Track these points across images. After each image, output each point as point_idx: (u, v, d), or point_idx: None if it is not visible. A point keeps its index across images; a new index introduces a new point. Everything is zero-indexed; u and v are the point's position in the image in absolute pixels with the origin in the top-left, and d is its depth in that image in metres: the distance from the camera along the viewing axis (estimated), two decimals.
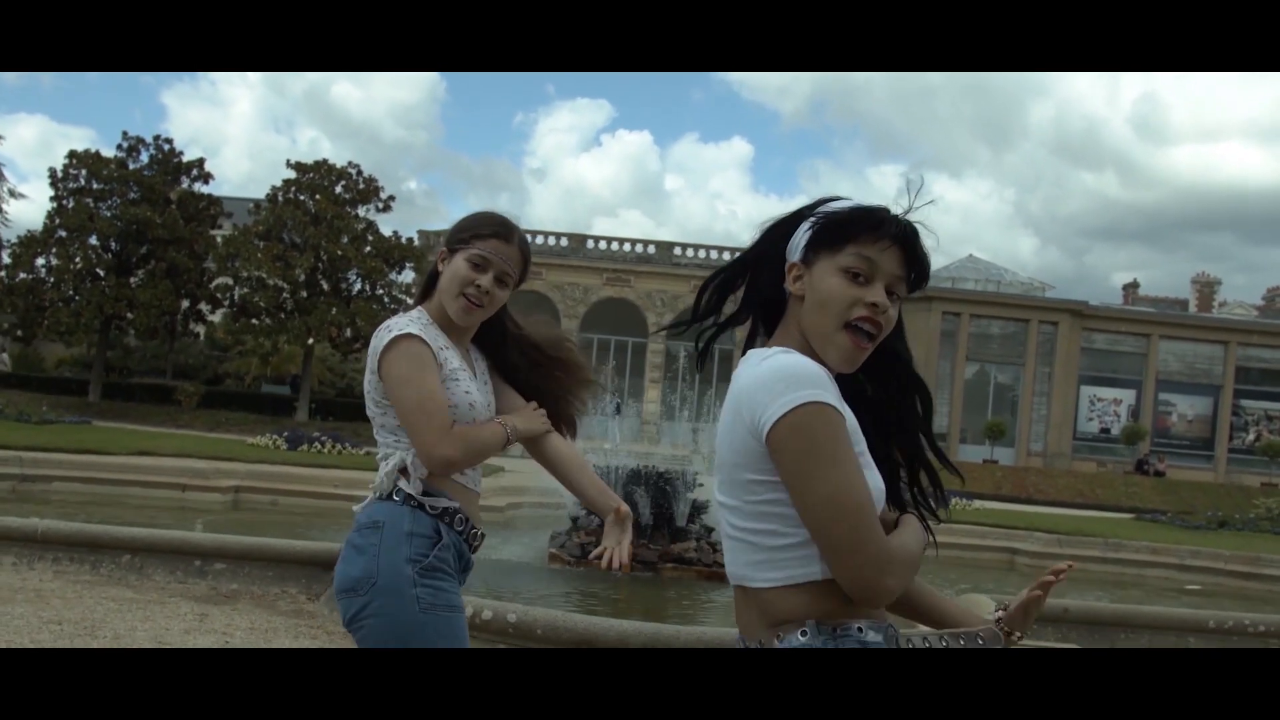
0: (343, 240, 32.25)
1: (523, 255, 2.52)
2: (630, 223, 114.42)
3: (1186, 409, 42.06)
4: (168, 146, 34.53)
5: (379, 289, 33.89)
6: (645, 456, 12.93)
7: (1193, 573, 14.34)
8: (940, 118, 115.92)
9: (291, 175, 33.51)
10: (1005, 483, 33.39)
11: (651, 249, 41.97)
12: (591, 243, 41.67)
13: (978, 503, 23.89)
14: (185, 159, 34.76)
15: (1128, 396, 41.68)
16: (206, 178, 35.36)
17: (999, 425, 38.36)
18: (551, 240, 41.10)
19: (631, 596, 8.76)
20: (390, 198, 34.79)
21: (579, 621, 5.56)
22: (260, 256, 31.33)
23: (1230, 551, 15.55)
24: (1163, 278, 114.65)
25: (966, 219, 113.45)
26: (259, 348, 35.75)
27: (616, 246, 42.00)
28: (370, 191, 34.17)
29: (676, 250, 41.91)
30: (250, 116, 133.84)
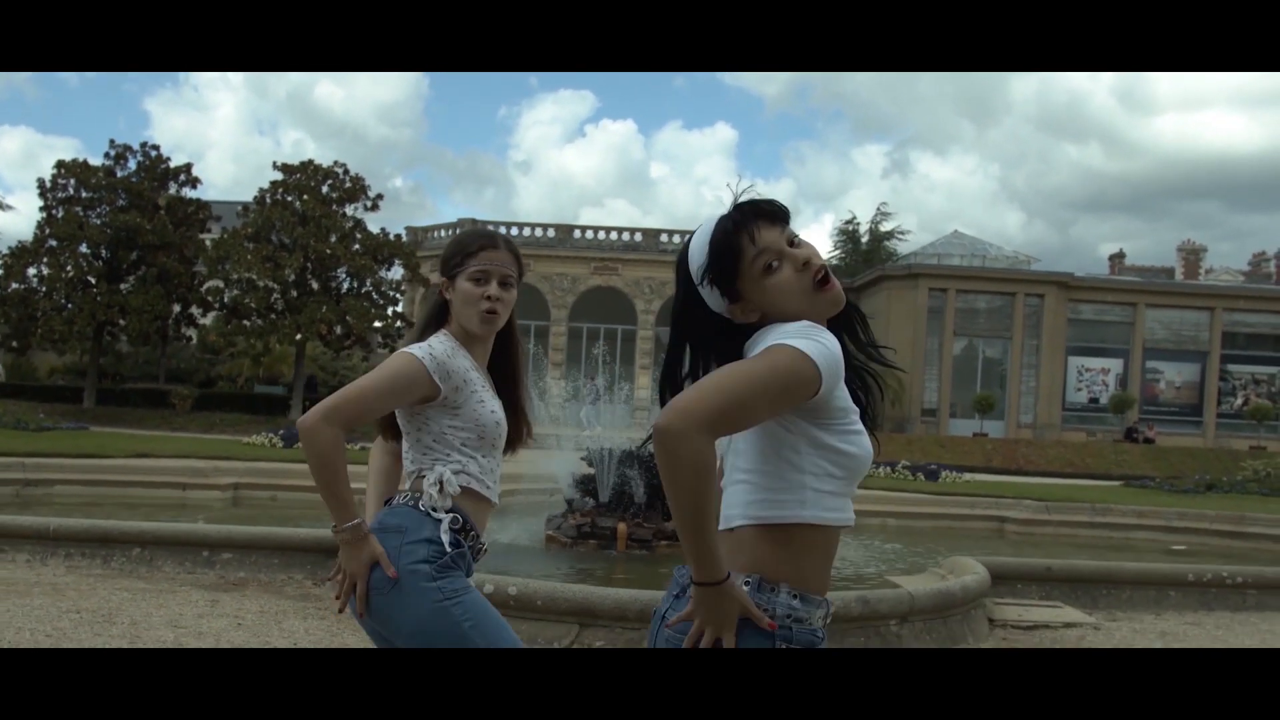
0: (331, 239, 32.36)
1: (513, 255, 2.71)
2: (617, 212, 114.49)
3: (1174, 376, 42.38)
4: (155, 153, 34.57)
5: (367, 286, 34.03)
6: (639, 441, 13.16)
7: (1179, 534, 14.57)
8: (923, 96, 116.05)
9: (279, 177, 33.60)
10: (995, 455, 33.63)
11: (638, 237, 42.17)
12: (578, 233, 41.84)
13: (968, 475, 24.20)
14: (172, 164, 34.81)
15: (1115, 366, 41.98)
16: (194, 182, 35.42)
17: (987, 399, 38.64)
18: (539, 232, 41.25)
19: (627, 571, 8.98)
20: (378, 196, 34.90)
21: (577, 591, 5.78)
22: (250, 258, 31.42)
23: (1215, 512, 15.83)
24: (1150, 247, 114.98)
25: (952, 196, 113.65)
26: (251, 349, 35.87)
27: (603, 236, 42.18)
28: (357, 190, 34.27)
29: (663, 237, 42.09)
30: (234, 120, 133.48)
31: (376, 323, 34.87)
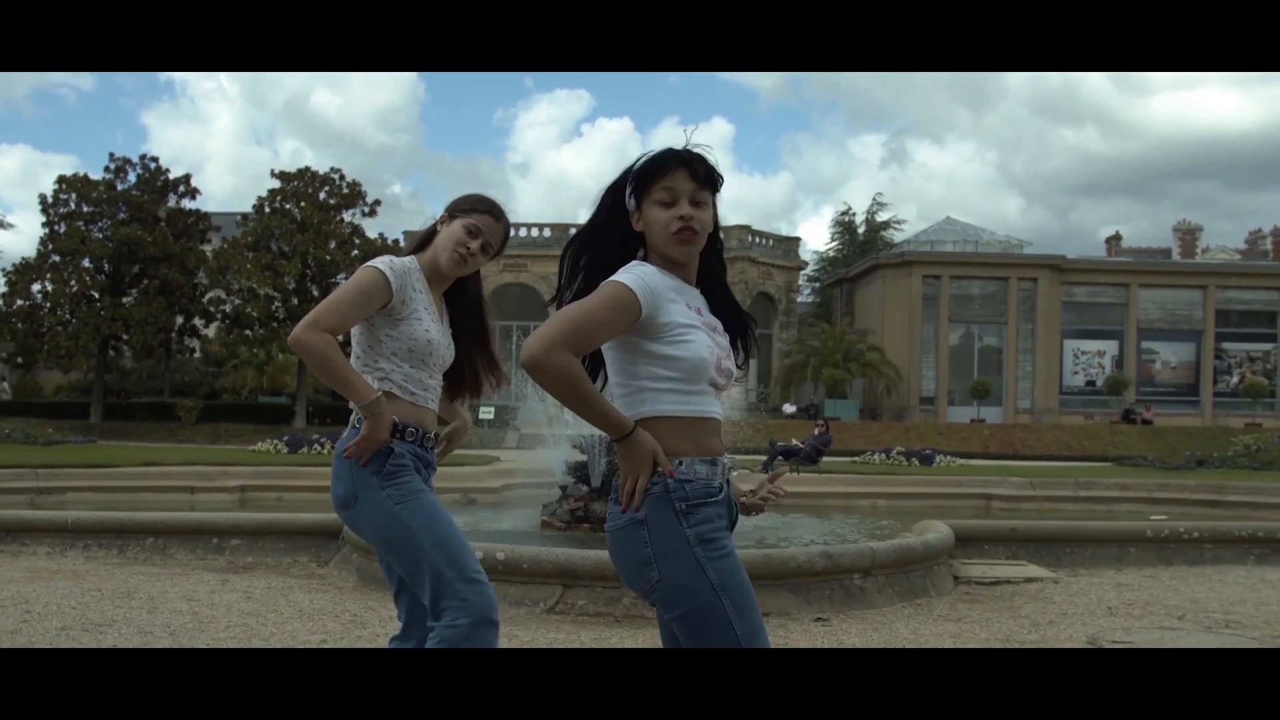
0: (330, 245, 32.79)
1: (505, 232, 3.17)
2: None
3: (1169, 356, 42.67)
4: (154, 165, 35.01)
5: None
6: None
7: (1160, 505, 14.95)
8: (917, 84, 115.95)
9: (276, 185, 34.05)
10: (993, 441, 33.88)
11: None
12: (573, 231, 42.25)
13: (961, 460, 24.55)
14: (171, 176, 35.28)
15: (1110, 347, 42.29)
16: (193, 194, 35.86)
17: (983, 384, 39.00)
18: (535, 232, 41.68)
19: None
20: (376, 202, 35.30)
21: (559, 554, 6.22)
22: (250, 267, 31.84)
23: (1195, 482, 16.24)
24: (1151, 229, 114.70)
25: (951, 184, 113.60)
26: (254, 358, 36.29)
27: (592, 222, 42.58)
28: (355, 196, 34.69)
29: None
30: (231, 131, 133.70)
31: None
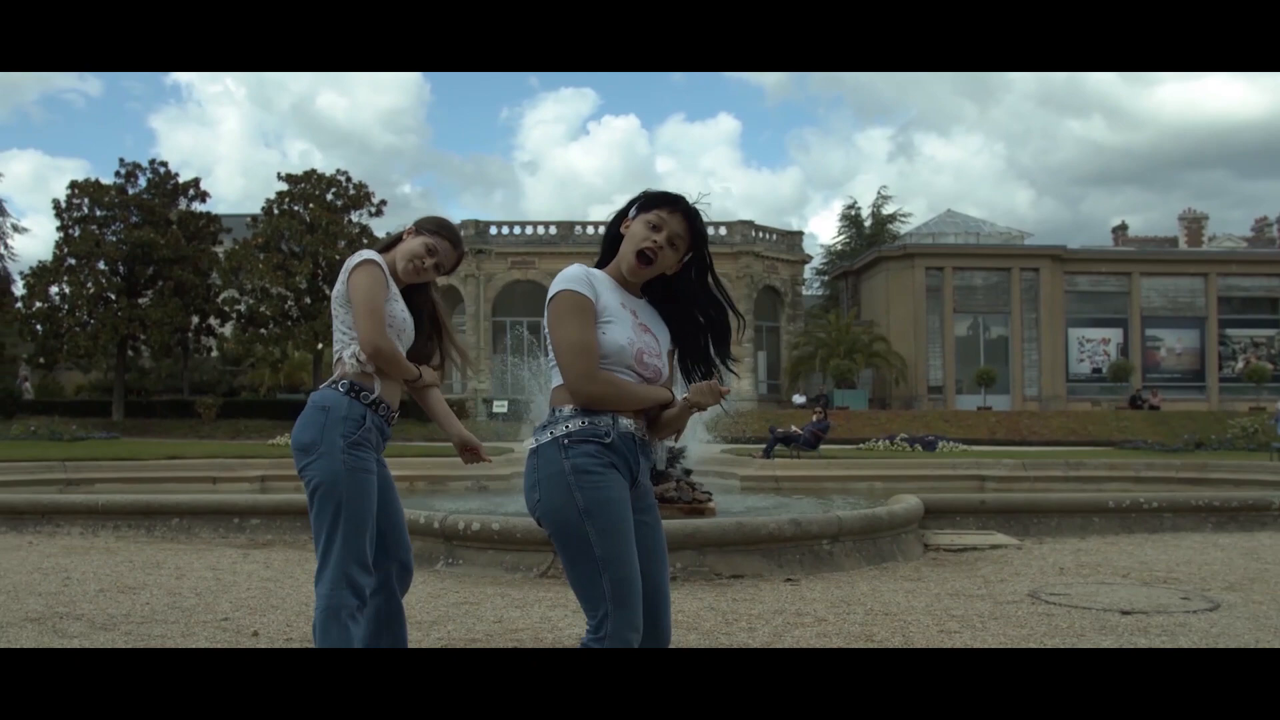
0: (339, 245, 33.46)
1: (459, 257, 3.67)
2: None
3: (1174, 342, 43.04)
4: (164, 169, 35.70)
5: None
6: None
7: (1147, 483, 15.42)
8: (922, 79, 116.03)
9: (284, 187, 34.75)
10: (999, 427, 34.18)
11: None
12: (579, 229, 42.81)
13: (963, 446, 25.00)
14: (181, 180, 35.98)
15: (1115, 335, 42.68)
16: (203, 196, 36.52)
17: (989, 373, 39.43)
18: (540, 230, 42.25)
19: None
20: (382, 202, 35.97)
21: None
22: (261, 267, 32.57)
23: (1181, 461, 16.71)
24: (1160, 218, 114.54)
25: (960, 176, 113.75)
26: (269, 356, 36.98)
27: (603, 230, 43.05)
28: (361, 197, 35.36)
29: None
30: (239, 134, 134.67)
31: None
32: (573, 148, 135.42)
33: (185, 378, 40.68)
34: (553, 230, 42.29)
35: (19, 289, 35.95)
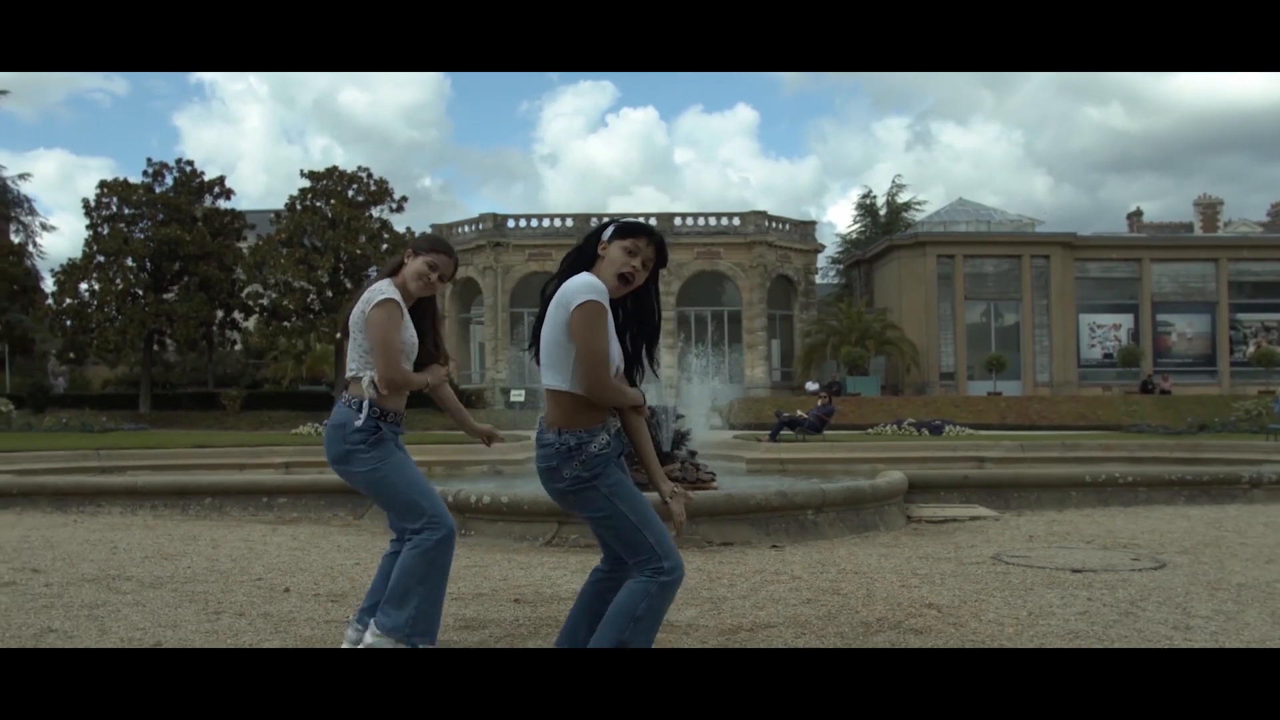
0: (360, 240, 34.20)
1: (455, 265, 4.25)
2: (645, 199, 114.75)
3: (1185, 328, 43.25)
4: (189, 168, 36.52)
5: None
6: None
7: (1141, 464, 15.81)
8: None
9: (306, 184, 35.50)
10: (1009, 413, 34.43)
11: (653, 221, 43.62)
12: (595, 221, 43.39)
13: (970, 430, 25.40)
14: (206, 179, 36.76)
15: (1126, 321, 42.94)
16: (228, 194, 37.33)
17: (999, 359, 39.78)
18: (558, 223, 42.85)
19: None
20: (402, 198, 36.71)
21: None
22: (284, 262, 33.37)
23: (1175, 442, 17.15)
24: (1177, 204, 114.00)
25: (978, 164, 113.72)
26: (291, 348, 37.77)
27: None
28: (382, 193, 36.10)
29: (677, 220, 43.59)
30: (262, 131, 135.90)
31: None
32: (592, 140, 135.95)
33: (210, 371, 41.52)
34: (569, 223, 42.88)
35: (48, 286, 36.82)
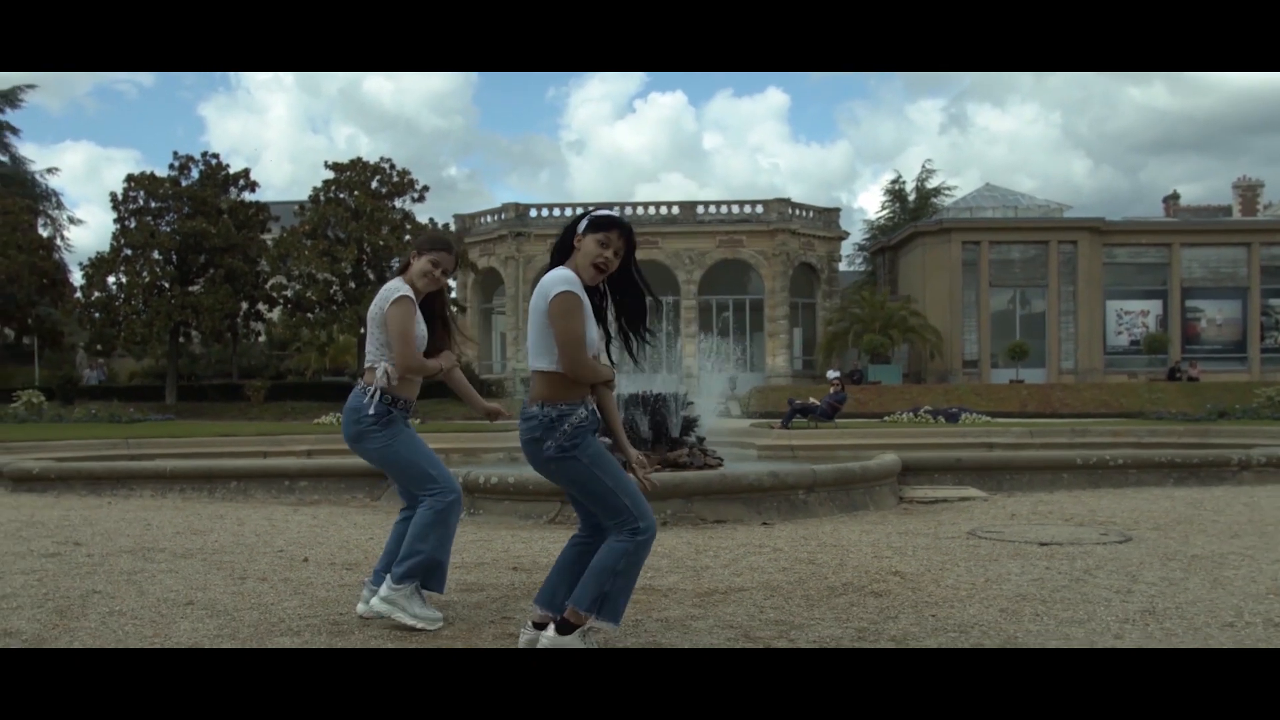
0: (383, 231, 34.73)
1: (456, 260, 4.68)
2: (673, 186, 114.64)
3: (1215, 314, 42.97)
4: (214, 161, 37.19)
5: None
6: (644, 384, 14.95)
7: (1150, 448, 15.99)
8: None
9: (330, 175, 36.07)
10: (1031, 400, 34.22)
11: (675, 210, 43.83)
12: (616, 210, 43.58)
13: (988, 418, 25.52)
14: (231, 171, 37.40)
15: (1154, 307, 42.72)
16: (252, 186, 37.98)
17: (1022, 346, 39.78)
18: (579, 211, 43.19)
19: None
20: (424, 188, 37.21)
21: None
22: (308, 254, 33.97)
23: (1184, 428, 17.32)
24: (1221, 185, 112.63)
25: (1015, 147, 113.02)
26: (315, 339, 38.41)
27: (642, 211, 43.92)
28: (405, 184, 36.63)
29: (699, 209, 43.77)
30: (287, 120, 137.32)
31: None
32: (619, 126, 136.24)
33: (234, 362, 42.27)
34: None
35: (76, 279, 37.62)
